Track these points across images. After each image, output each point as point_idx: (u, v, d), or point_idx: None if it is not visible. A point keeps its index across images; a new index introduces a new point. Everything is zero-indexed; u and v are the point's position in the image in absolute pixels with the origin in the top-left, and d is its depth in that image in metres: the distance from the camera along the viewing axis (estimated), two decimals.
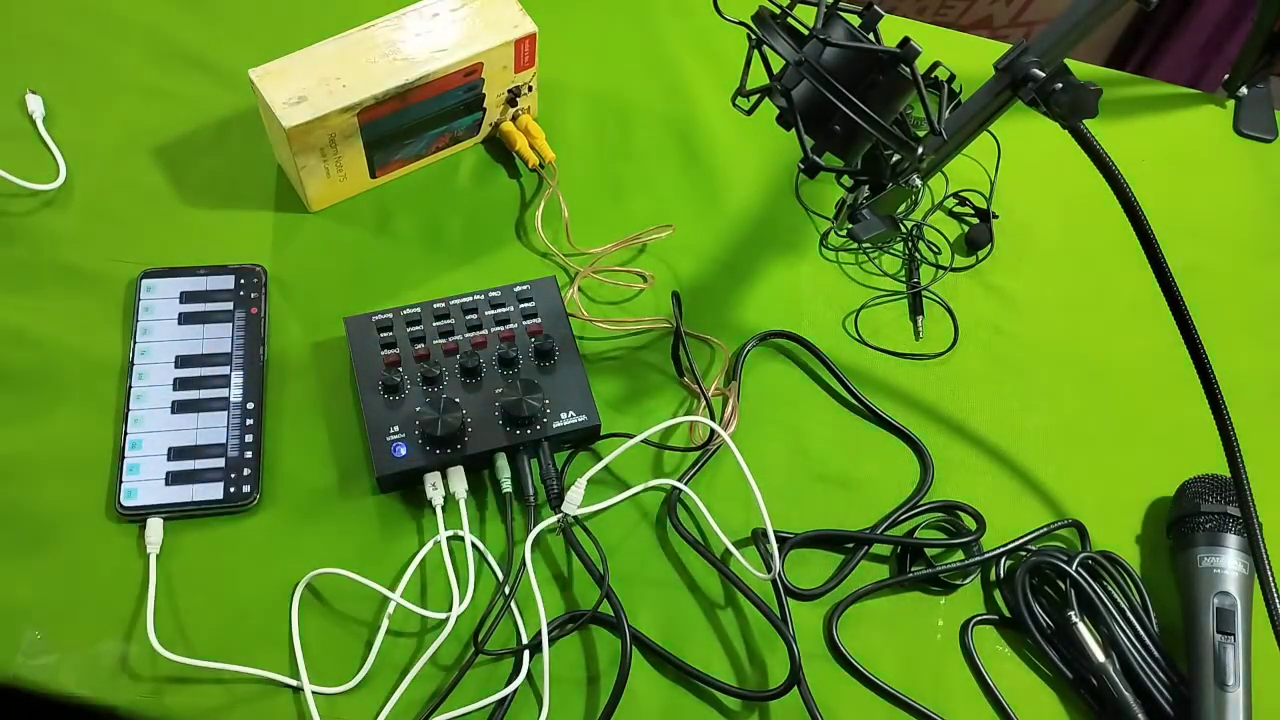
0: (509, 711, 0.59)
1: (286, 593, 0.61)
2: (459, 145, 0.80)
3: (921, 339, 0.77)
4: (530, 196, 0.79)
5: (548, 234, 0.76)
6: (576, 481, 0.64)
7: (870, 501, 0.69)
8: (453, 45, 0.72)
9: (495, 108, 0.78)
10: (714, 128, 0.85)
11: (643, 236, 0.77)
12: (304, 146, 0.70)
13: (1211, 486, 0.66)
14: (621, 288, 0.75)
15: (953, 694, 0.63)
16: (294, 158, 0.70)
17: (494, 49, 0.73)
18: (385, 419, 0.65)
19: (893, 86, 0.51)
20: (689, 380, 0.71)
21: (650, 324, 0.74)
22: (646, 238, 0.77)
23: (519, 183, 0.79)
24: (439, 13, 0.73)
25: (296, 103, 0.68)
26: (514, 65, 0.75)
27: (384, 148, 0.75)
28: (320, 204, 0.76)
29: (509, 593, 0.61)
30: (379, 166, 0.76)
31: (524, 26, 0.74)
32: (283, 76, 0.69)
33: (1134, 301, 0.79)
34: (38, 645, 0.58)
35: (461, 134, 0.79)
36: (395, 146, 0.75)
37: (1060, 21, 0.57)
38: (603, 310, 0.74)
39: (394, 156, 0.76)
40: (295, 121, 0.68)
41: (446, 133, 0.77)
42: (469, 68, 0.72)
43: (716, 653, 0.63)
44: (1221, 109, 0.93)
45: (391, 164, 0.77)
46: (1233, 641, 0.60)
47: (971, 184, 0.83)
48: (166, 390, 0.67)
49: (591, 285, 0.75)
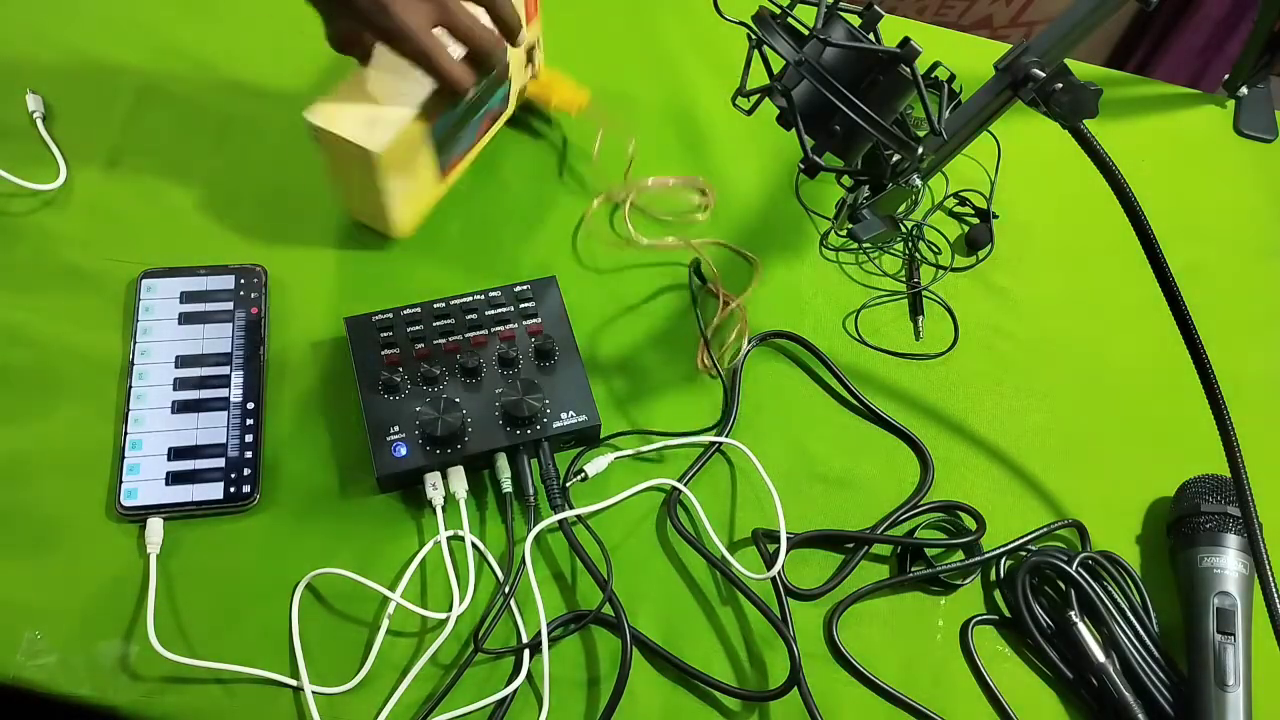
0: (509, 711, 0.59)
1: (286, 593, 0.61)
2: (496, 124, 0.79)
3: (921, 339, 0.77)
4: (563, 149, 0.80)
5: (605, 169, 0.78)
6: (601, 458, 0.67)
7: (870, 501, 0.69)
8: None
9: (518, 74, 0.77)
10: (714, 128, 0.85)
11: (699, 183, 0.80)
12: (394, 170, 0.67)
13: (1211, 486, 0.66)
14: (668, 219, 0.77)
15: (953, 694, 0.63)
16: (384, 184, 0.68)
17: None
18: (385, 419, 0.65)
19: (893, 86, 0.51)
20: (704, 360, 0.72)
21: (681, 246, 0.76)
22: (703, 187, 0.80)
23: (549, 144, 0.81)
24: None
25: (370, 126, 0.65)
26: (525, 19, 0.74)
27: (446, 145, 0.73)
28: (407, 228, 0.74)
29: (509, 592, 0.61)
30: (445, 167, 0.75)
31: None
32: (339, 109, 0.66)
33: (1134, 301, 0.79)
34: (38, 645, 0.58)
35: (497, 109, 0.78)
36: (454, 141, 0.74)
37: (1060, 21, 0.57)
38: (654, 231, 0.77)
39: (454, 152, 0.75)
40: (383, 143, 0.65)
41: (486, 113, 0.77)
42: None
43: (716, 653, 0.63)
44: (1221, 109, 0.93)
45: (454, 161, 0.76)
46: (1233, 641, 0.60)
47: (971, 184, 0.83)
48: (167, 390, 0.67)
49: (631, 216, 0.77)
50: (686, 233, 0.77)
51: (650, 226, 0.78)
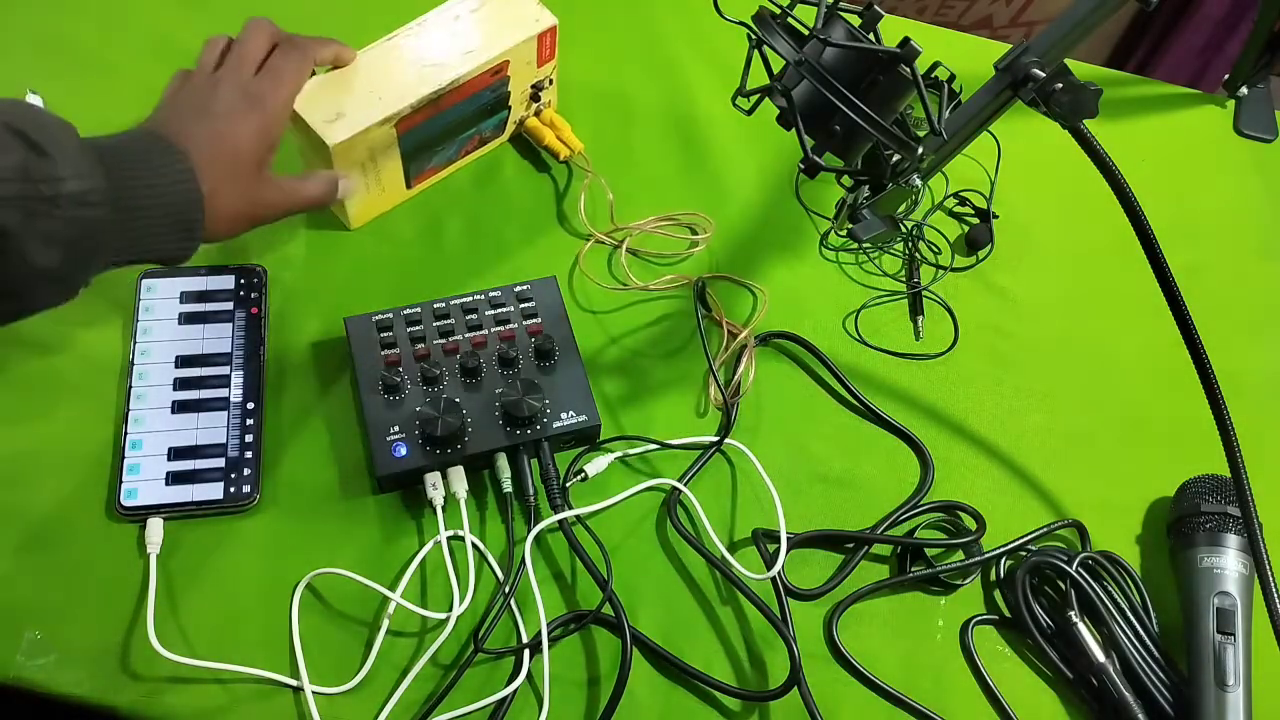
0: (509, 711, 0.59)
1: (286, 593, 0.61)
2: (487, 146, 0.80)
3: (921, 339, 0.77)
4: (563, 187, 0.79)
5: (591, 219, 0.77)
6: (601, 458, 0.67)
7: (870, 501, 0.69)
8: (479, 46, 0.72)
9: (520, 105, 0.78)
10: (714, 128, 0.85)
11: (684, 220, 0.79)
12: (347, 163, 0.69)
13: (1211, 486, 0.66)
14: (667, 258, 0.77)
15: (953, 694, 0.63)
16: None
17: (518, 45, 0.73)
18: (385, 419, 0.65)
19: (893, 86, 0.51)
20: (714, 387, 0.71)
21: (681, 283, 0.75)
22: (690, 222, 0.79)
23: (550, 175, 0.80)
24: (459, 15, 0.73)
25: (335, 119, 0.67)
26: (536, 60, 0.75)
27: (419, 156, 0.74)
28: (360, 221, 0.75)
29: (509, 592, 0.61)
30: (414, 176, 0.76)
31: (544, 20, 0.74)
32: (316, 96, 0.68)
33: (1134, 301, 0.78)
34: (38, 645, 0.58)
35: (489, 134, 0.79)
36: (429, 154, 0.75)
37: (1060, 21, 0.57)
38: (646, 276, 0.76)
39: (428, 164, 0.76)
40: (339, 138, 0.67)
41: (476, 134, 0.77)
42: (496, 66, 0.72)
43: (716, 653, 0.63)
44: (1221, 109, 0.93)
45: (426, 172, 0.77)
46: (1233, 641, 0.60)
47: (971, 184, 0.83)
48: (167, 390, 0.67)
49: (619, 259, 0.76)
50: (685, 268, 0.77)
51: (645, 270, 0.77)
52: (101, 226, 0.50)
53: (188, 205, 0.54)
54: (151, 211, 0.52)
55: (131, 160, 0.52)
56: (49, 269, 0.48)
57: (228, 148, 0.57)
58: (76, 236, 0.49)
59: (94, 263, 0.51)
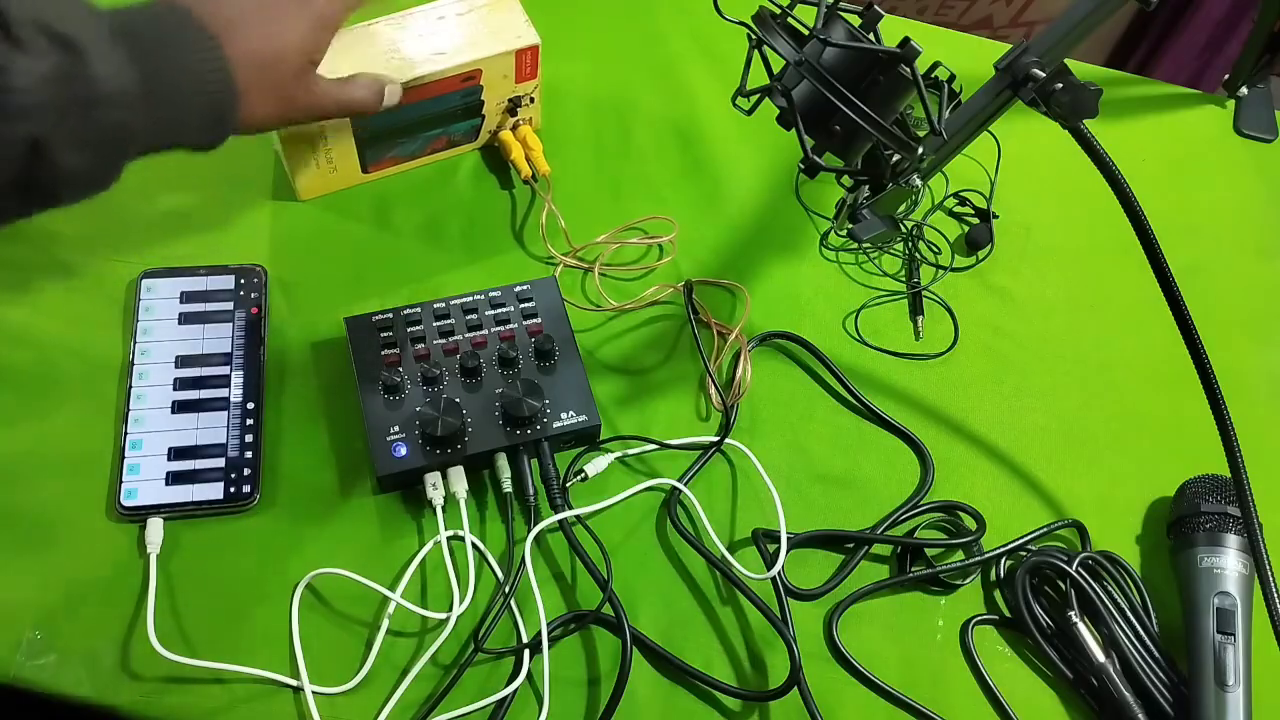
0: (509, 711, 0.59)
1: (286, 593, 0.61)
2: (457, 149, 0.80)
3: (921, 339, 0.77)
4: (529, 204, 0.79)
5: (550, 241, 0.76)
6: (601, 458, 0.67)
7: (870, 501, 0.69)
8: (453, 49, 0.72)
9: (495, 115, 0.78)
10: (714, 128, 0.85)
11: (645, 228, 0.78)
12: (294, 135, 0.70)
13: (1211, 486, 0.66)
14: (635, 270, 0.76)
15: (953, 694, 0.63)
16: (283, 146, 0.71)
17: (493, 57, 0.72)
18: (385, 419, 0.65)
19: (893, 86, 0.51)
20: (712, 388, 0.71)
21: (666, 291, 0.75)
22: (650, 231, 0.78)
23: (511, 194, 0.79)
24: (444, 15, 0.73)
25: None
26: (514, 75, 0.75)
27: (376, 145, 0.74)
28: (308, 194, 0.76)
29: (509, 592, 0.61)
30: (371, 162, 0.76)
31: (526, 38, 0.73)
32: None
33: (1134, 301, 0.79)
34: (38, 645, 0.58)
35: (459, 138, 0.79)
36: (389, 144, 0.75)
37: (1060, 21, 0.57)
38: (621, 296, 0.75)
39: (387, 154, 0.76)
40: None
41: (444, 135, 0.77)
42: (467, 73, 0.72)
43: (716, 653, 0.63)
44: (1221, 109, 0.93)
45: (385, 160, 0.77)
46: (1233, 641, 0.60)
47: (971, 184, 0.83)
48: (167, 390, 0.67)
49: (593, 277, 0.75)
50: (662, 275, 0.76)
51: (619, 289, 0.76)
52: (132, 123, 0.49)
53: (222, 103, 0.53)
54: (182, 106, 0.51)
55: (165, 48, 0.50)
56: (79, 170, 0.48)
57: (271, 49, 0.55)
58: (108, 137, 0.48)
59: (124, 158, 0.51)
